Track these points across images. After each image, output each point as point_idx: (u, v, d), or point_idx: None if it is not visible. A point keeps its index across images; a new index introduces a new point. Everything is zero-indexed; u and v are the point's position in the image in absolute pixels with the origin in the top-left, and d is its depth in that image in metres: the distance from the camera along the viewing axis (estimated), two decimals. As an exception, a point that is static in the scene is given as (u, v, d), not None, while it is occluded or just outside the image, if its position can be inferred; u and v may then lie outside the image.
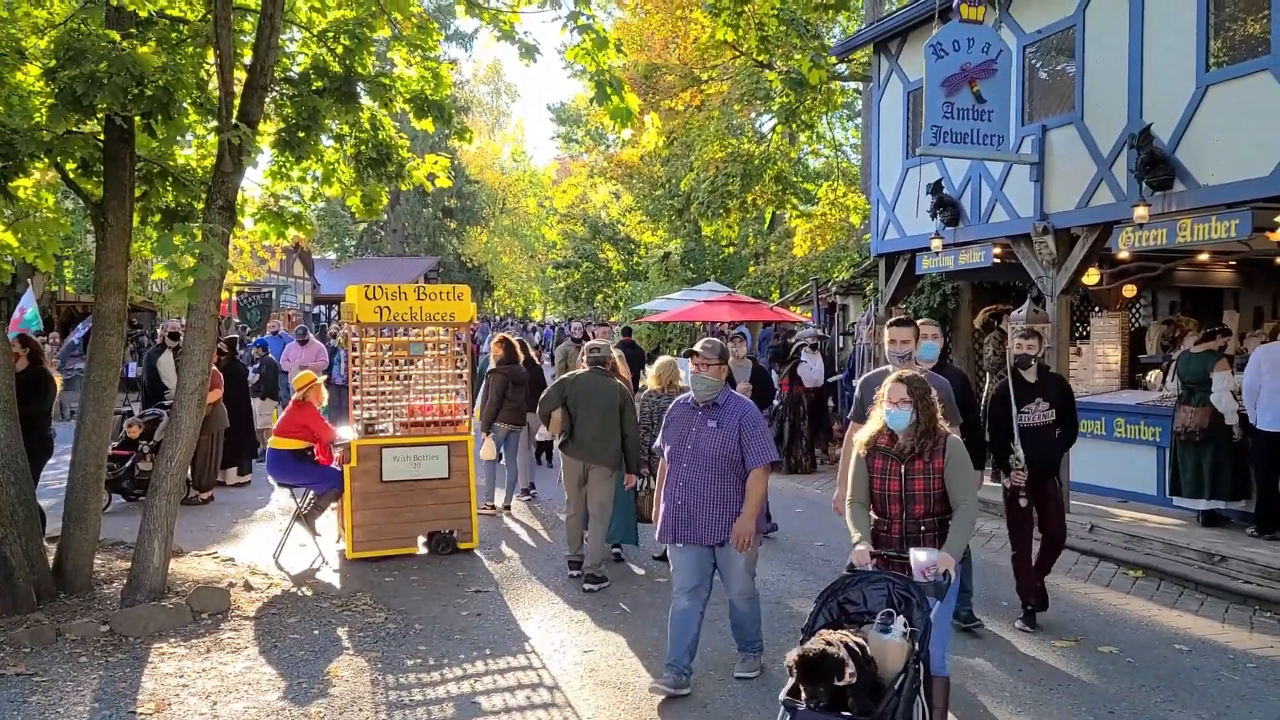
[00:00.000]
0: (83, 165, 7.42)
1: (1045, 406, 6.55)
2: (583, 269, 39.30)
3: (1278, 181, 7.56)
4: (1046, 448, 6.60)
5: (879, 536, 4.48)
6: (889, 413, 4.39)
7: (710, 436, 5.32)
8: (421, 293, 8.81)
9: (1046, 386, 6.62)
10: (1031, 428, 6.56)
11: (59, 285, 24.63)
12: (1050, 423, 6.61)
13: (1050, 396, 6.58)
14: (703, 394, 5.40)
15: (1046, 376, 6.70)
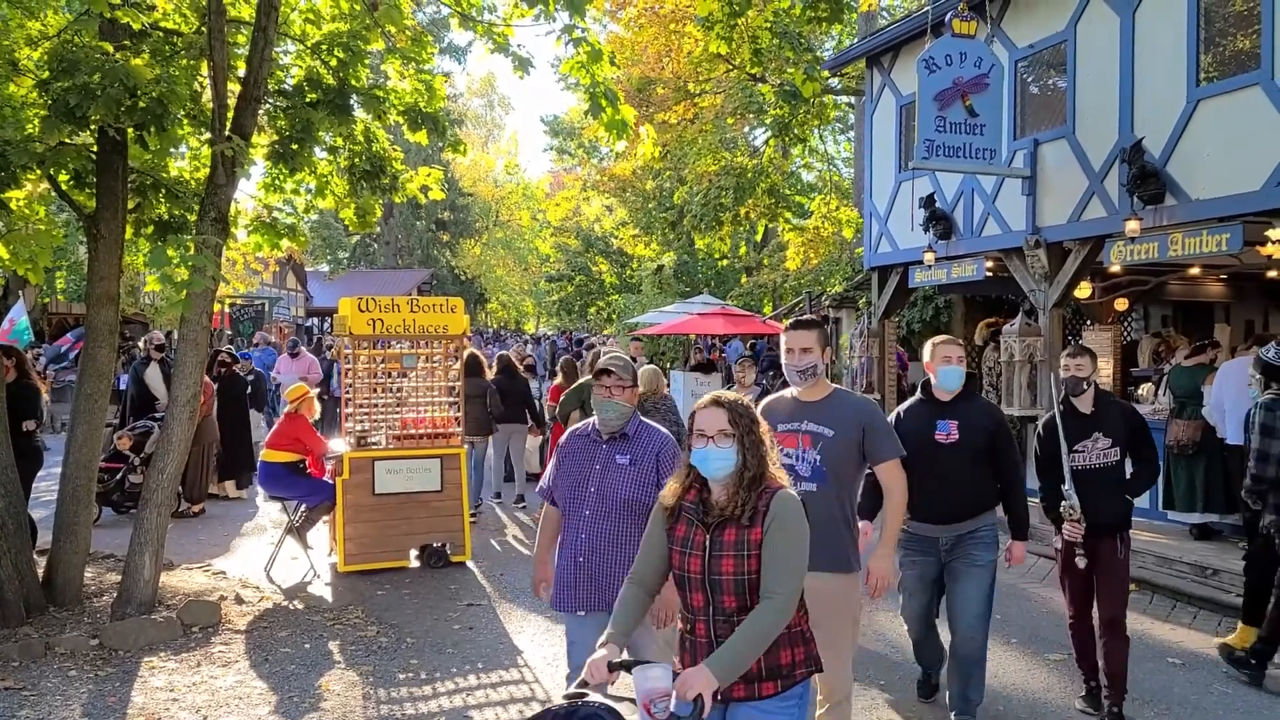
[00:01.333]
0: (75, 177, 7.41)
1: (1106, 444, 5.24)
2: (576, 282, 39.34)
3: (1268, 196, 7.60)
4: (1109, 496, 5.21)
5: (683, 641, 3.12)
6: (699, 453, 2.99)
7: (620, 476, 4.12)
8: (414, 305, 8.80)
9: (1106, 418, 5.29)
10: (1089, 470, 5.23)
11: (50, 297, 24.56)
12: (1114, 463, 5.24)
13: (1113, 430, 5.25)
14: (611, 423, 4.17)
15: (1106, 405, 5.36)
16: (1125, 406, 5.51)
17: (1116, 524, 5.25)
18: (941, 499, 4.88)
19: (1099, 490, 5.20)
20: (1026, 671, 6.09)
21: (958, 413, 4.97)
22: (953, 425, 4.92)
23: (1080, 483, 5.21)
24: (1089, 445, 5.25)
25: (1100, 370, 11.75)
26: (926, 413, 5.05)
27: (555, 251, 44.48)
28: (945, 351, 5.06)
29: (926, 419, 5.00)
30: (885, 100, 12.59)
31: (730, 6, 15.25)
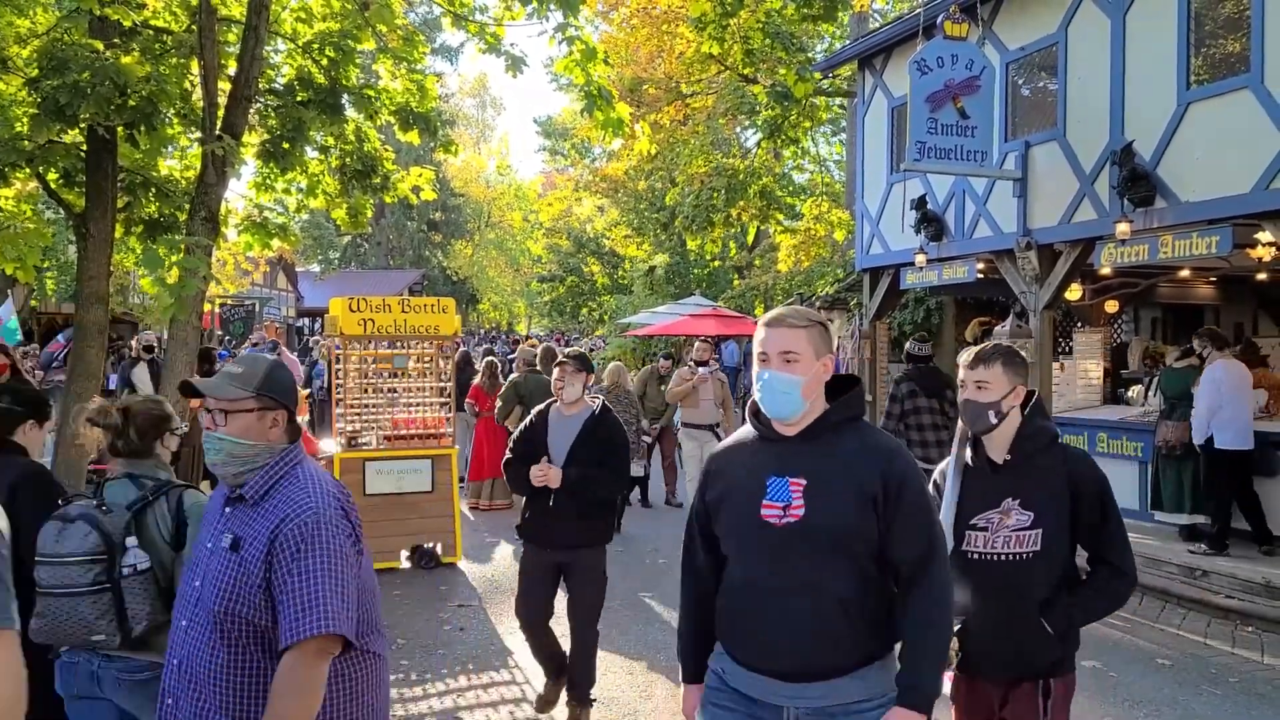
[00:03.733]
0: (65, 175, 7.39)
1: (1023, 520, 3.07)
2: (568, 283, 39.29)
3: (1258, 198, 7.63)
4: (1018, 619, 3.08)
5: None
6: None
7: (222, 566, 2.57)
8: (406, 305, 8.78)
9: (1029, 473, 3.12)
10: (989, 562, 3.11)
11: (40, 297, 24.45)
12: (1030, 556, 3.07)
13: (1036, 496, 3.08)
14: (223, 466, 2.70)
15: (1035, 451, 3.15)
16: (1072, 456, 3.17)
17: (1033, 669, 3.15)
18: (777, 631, 2.56)
19: (1001, 604, 3.07)
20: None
21: (810, 461, 2.58)
22: (796, 488, 2.53)
23: (976, 587, 3.11)
24: (994, 520, 3.07)
25: (1090, 372, 11.83)
26: (751, 461, 2.67)
27: (547, 252, 44.45)
28: (774, 340, 2.61)
29: (748, 473, 2.64)
30: (877, 102, 12.60)
31: (722, 7, 15.27)
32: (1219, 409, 8.23)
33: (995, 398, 3.14)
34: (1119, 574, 3.16)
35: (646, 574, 8.41)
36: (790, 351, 2.58)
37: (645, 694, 5.71)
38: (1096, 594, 3.18)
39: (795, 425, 2.62)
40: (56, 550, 3.11)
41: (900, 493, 2.52)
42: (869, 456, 2.56)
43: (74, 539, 3.11)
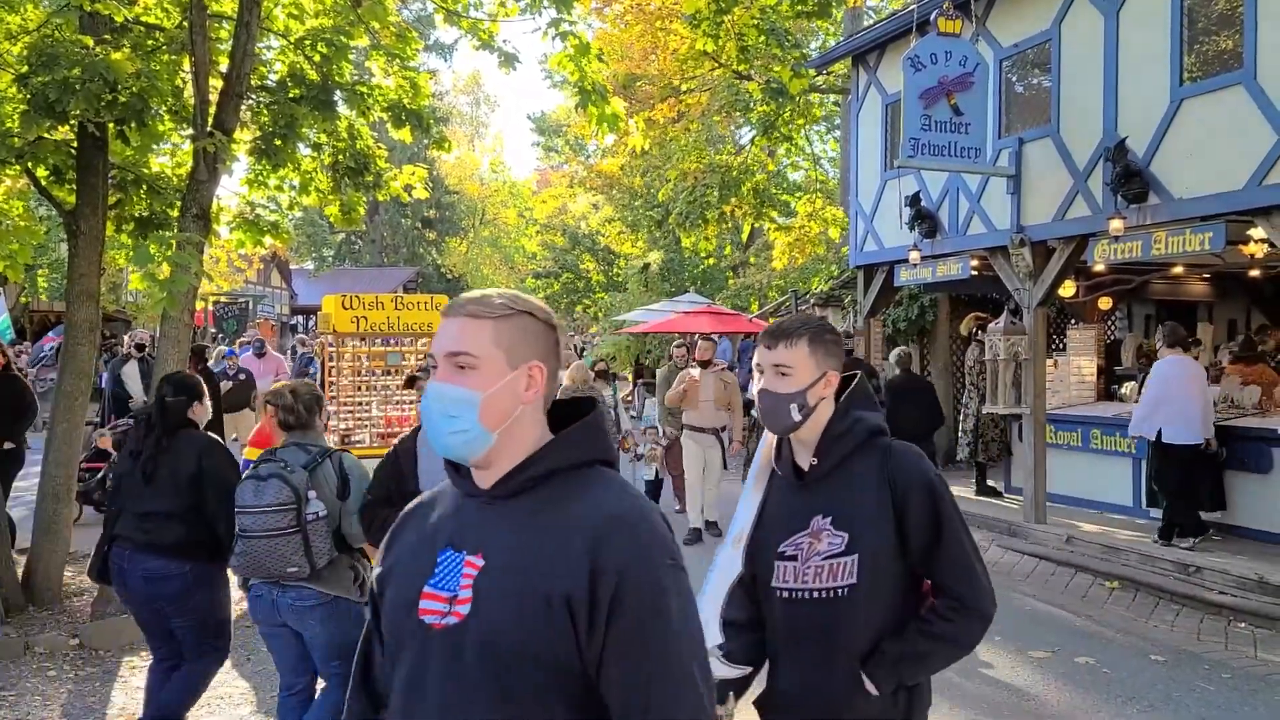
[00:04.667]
0: (55, 172, 7.34)
1: (835, 543, 2.35)
2: (562, 280, 39.27)
3: (1251, 195, 7.63)
4: (837, 672, 2.36)
5: None
6: None
7: None
8: (399, 303, 8.76)
9: (843, 482, 2.41)
10: (799, 600, 2.40)
11: (32, 296, 24.38)
12: (844, 592, 2.34)
13: (851, 512, 2.37)
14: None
15: (851, 452, 2.42)
16: (895, 453, 2.41)
17: None
18: None
19: (817, 656, 2.38)
20: (1011, 669, 6.10)
21: (496, 530, 1.68)
22: (470, 571, 1.64)
23: (789, 635, 2.43)
24: (804, 546, 2.37)
25: (1083, 369, 11.85)
26: (431, 523, 1.79)
27: (542, 249, 44.42)
28: (443, 336, 1.74)
29: (419, 541, 1.78)
30: (871, 99, 12.59)
31: (717, 3, 15.22)
32: (1163, 404, 8.31)
33: (799, 386, 2.37)
34: (961, 609, 2.33)
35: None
36: (463, 354, 1.66)
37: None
38: (929, 637, 2.33)
39: (486, 471, 1.69)
40: (257, 502, 3.95)
41: (619, 599, 1.54)
42: (581, 531, 1.58)
43: (270, 493, 3.96)
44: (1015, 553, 9.18)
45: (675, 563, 1.64)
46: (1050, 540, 9.27)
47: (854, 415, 2.43)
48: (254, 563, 3.99)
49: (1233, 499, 8.82)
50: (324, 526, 4.03)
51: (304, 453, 4.14)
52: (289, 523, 3.94)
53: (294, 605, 4.05)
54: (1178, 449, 8.25)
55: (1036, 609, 7.45)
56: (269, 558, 3.95)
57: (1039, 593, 7.95)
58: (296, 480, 3.99)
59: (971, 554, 2.38)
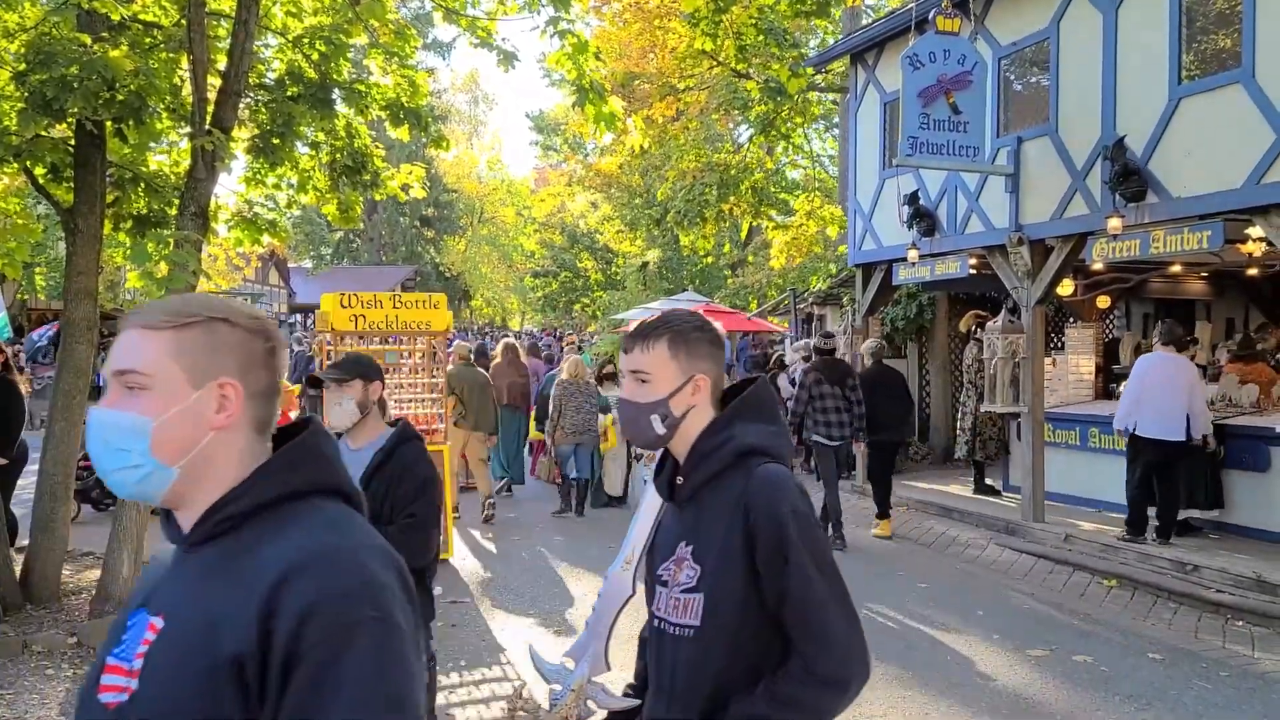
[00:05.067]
0: (52, 170, 7.33)
1: (690, 575, 2.05)
2: (561, 278, 39.29)
3: (1249, 193, 7.63)
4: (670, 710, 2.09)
5: None
6: None
7: None
8: (397, 301, 8.76)
9: (708, 508, 2.07)
10: (664, 633, 2.10)
11: (30, 293, 24.36)
12: (692, 632, 2.03)
13: (713, 539, 2.03)
14: None
15: (722, 471, 2.06)
16: (756, 477, 2.02)
17: None
18: None
19: (665, 693, 2.12)
20: (1009, 667, 6.11)
21: (180, 586, 1.40)
22: (150, 636, 1.36)
23: (654, 661, 2.18)
24: (670, 574, 2.11)
25: (1081, 367, 11.87)
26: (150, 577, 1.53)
27: (540, 248, 44.42)
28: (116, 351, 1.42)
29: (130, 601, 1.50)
30: (869, 97, 12.59)
31: (715, 2, 15.23)
32: (1141, 399, 8.45)
33: (659, 394, 2.08)
34: (806, 673, 1.94)
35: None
36: (132, 371, 1.38)
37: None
38: (775, 702, 1.94)
39: (182, 513, 1.44)
40: None
41: (293, 659, 1.25)
42: (263, 578, 1.29)
43: None
44: (1013, 551, 9.19)
45: (379, 616, 1.27)
46: (1048, 539, 9.28)
47: (729, 430, 2.06)
48: None
49: (1231, 497, 8.83)
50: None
51: None
52: None
53: None
54: (1152, 444, 8.38)
55: (1034, 608, 7.45)
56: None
57: (1037, 591, 7.95)
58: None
59: (828, 606, 1.95)
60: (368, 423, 3.68)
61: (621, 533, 7.95)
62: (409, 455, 3.64)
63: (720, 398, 2.14)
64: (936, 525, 10.43)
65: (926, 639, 6.63)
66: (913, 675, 5.91)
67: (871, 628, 6.77)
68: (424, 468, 3.64)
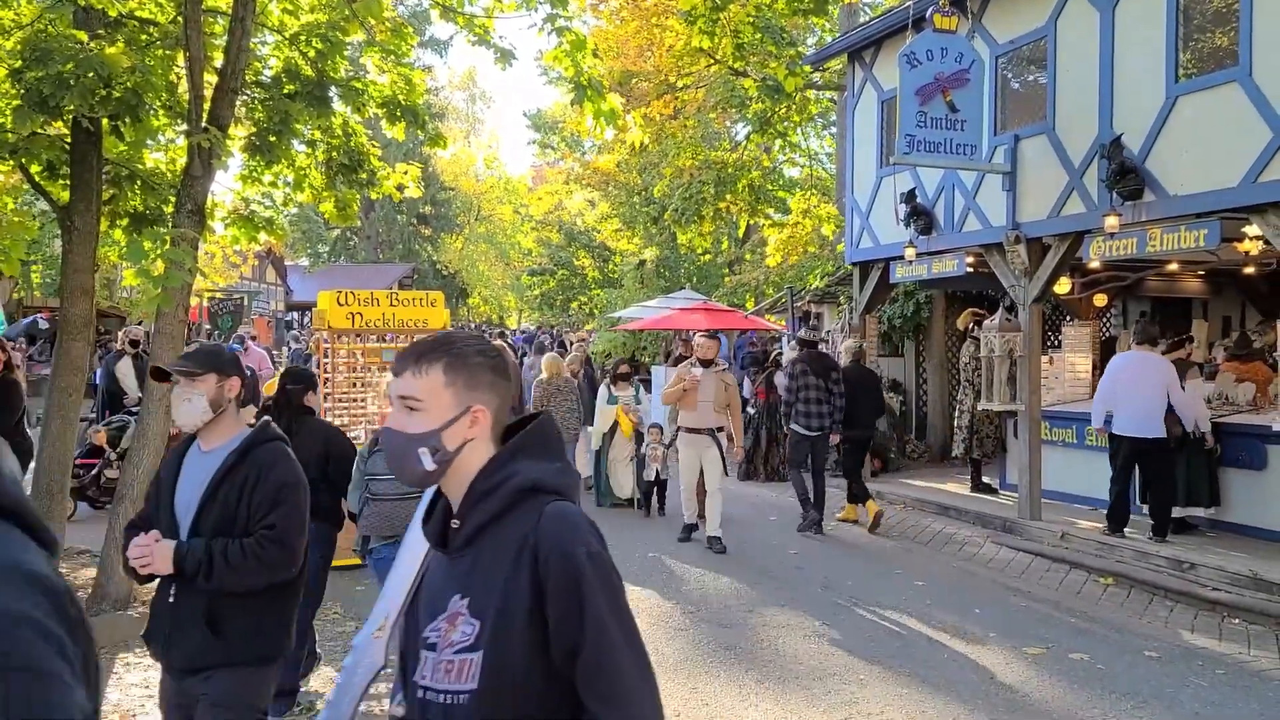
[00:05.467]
0: (48, 168, 7.32)
1: (467, 632, 1.77)
2: (558, 276, 39.23)
3: (1246, 192, 7.64)
4: None
5: None
6: None
7: None
8: (394, 299, 8.75)
9: (485, 556, 1.81)
10: (426, 703, 1.81)
11: (26, 290, 24.31)
12: (468, 697, 1.75)
13: (483, 595, 1.78)
14: None
15: (496, 511, 1.81)
16: (547, 516, 1.79)
17: None
18: None
19: None
20: (1005, 665, 6.11)
21: None
22: None
23: None
24: (442, 633, 1.82)
25: (1078, 366, 11.89)
26: None
27: (537, 246, 44.38)
28: None
29: None
30: (867, 95, 12.59)
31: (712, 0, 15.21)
32: (1112, 397, 8.70)
33: (430, 425, 1.83)
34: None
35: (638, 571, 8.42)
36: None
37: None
38: None
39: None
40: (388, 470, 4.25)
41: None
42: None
43: None
44: (1010, 549, 9.20)
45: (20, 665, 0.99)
46: (1045, 537, 9.29)
47: (511, 467, 1.83)
48: (384, 521, 4.78)
49: (1227, 495, 8.85)
50: None
51: None
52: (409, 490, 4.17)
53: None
54: (1127, 441, 8.61)
55: (1031, 605, 7.46)
56: (396, 516, 4.70)
57: (1033, 589, 7.96)
58: None
59: (624, 662, 1.74)
60: (222, 421, 3.23)
61: (619, 531, 7.93)
62: (265, 457, 3.21)
63: (502, 434, 1.89)
64: (934, 523, 10.44)
65: (923, 637, 6.64)
66: (910, 673, 5.92)
67: (868, 626, 6.79)
68: (284, 471, 3.23)
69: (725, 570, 8.35)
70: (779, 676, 5.87)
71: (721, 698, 5.53)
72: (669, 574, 8.22)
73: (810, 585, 7.88)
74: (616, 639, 1.74)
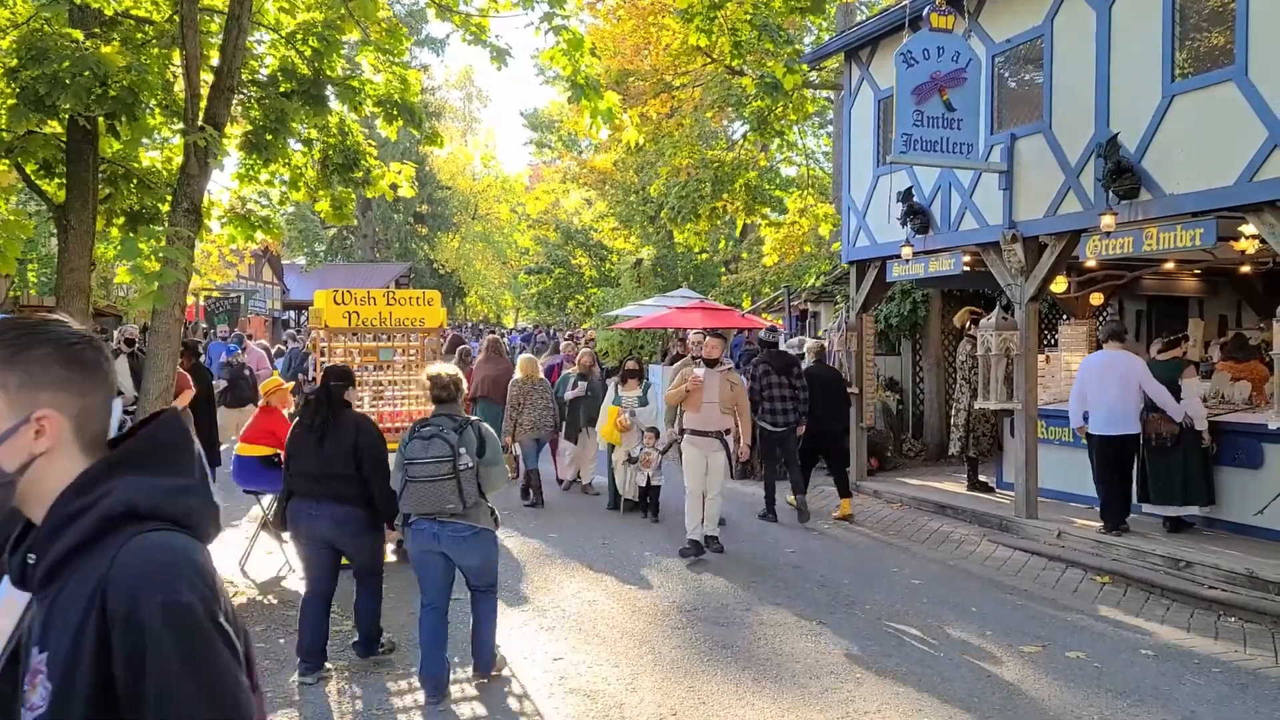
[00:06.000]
0: (44, 166, 7.32)
1: (44, 693, 1.44)
2: (555, 275, 39.24)
3: (1242, 191, 7.65)
4: None
5: None
6: None
7: None
8: (391, 298, 8.74)
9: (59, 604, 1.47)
10: None
11: (22, 290, 24.27)
12: None
13: (56, 648, 1.45)
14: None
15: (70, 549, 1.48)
16: (129, 564, 1.44)
17: None
18: None
19: None
20: (1001, 663, 6.12)
21: None
22: None
23: None
24: (27, 691, 1.48)
25: (1075, 365, 11.88)
26: None
27: (534, 245, 44.36)
28: None
29: None
30: (863, 94, 12.59)
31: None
32: (1084, 397, 9.01)
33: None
34: None
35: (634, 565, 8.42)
36: None
37: (631, 686, 5.71)
38: None
39: None
40: (424, 455, 5.24)
41: None
42: None
43: (434, 448, 5.24)
44: (1006, 548, 9.21)
45: None
46: (1041, 535, 9.30)
47: (106, 485, 1.50)
48: (420, 500, 5.26)
49: (1223, 494, 8.86)
50: (471, 475, 5.27)
51: (452, 420, 5.39)
52: (447, 471, 5.21)
53: (452, 536, 5.34)
54: (1100, 439, 8.85)
55: (1027, 604, 7.46)
56: (431, 496, 5.22)
57: (1030, 587, 7.97)
58: (452, 439, 5.27)
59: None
60: None
61: (618, 531, 7.94)
62: None
63: (110, 441, 1.56)
64: (930, 522, 10.45)
65: (920, 636, 6.64)
66: (906, 671, 5.92)
67: (865, 625, 6.79)
68: None
69: (722, 569, 8.35)
70: (776, 675, 5.87)
71: (719, 696, 5.53)
72: (666, 573, 8.23)
73: (807, 584, 7.89)
74: (188, 709, 1.41)
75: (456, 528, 5.32)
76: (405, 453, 5.32)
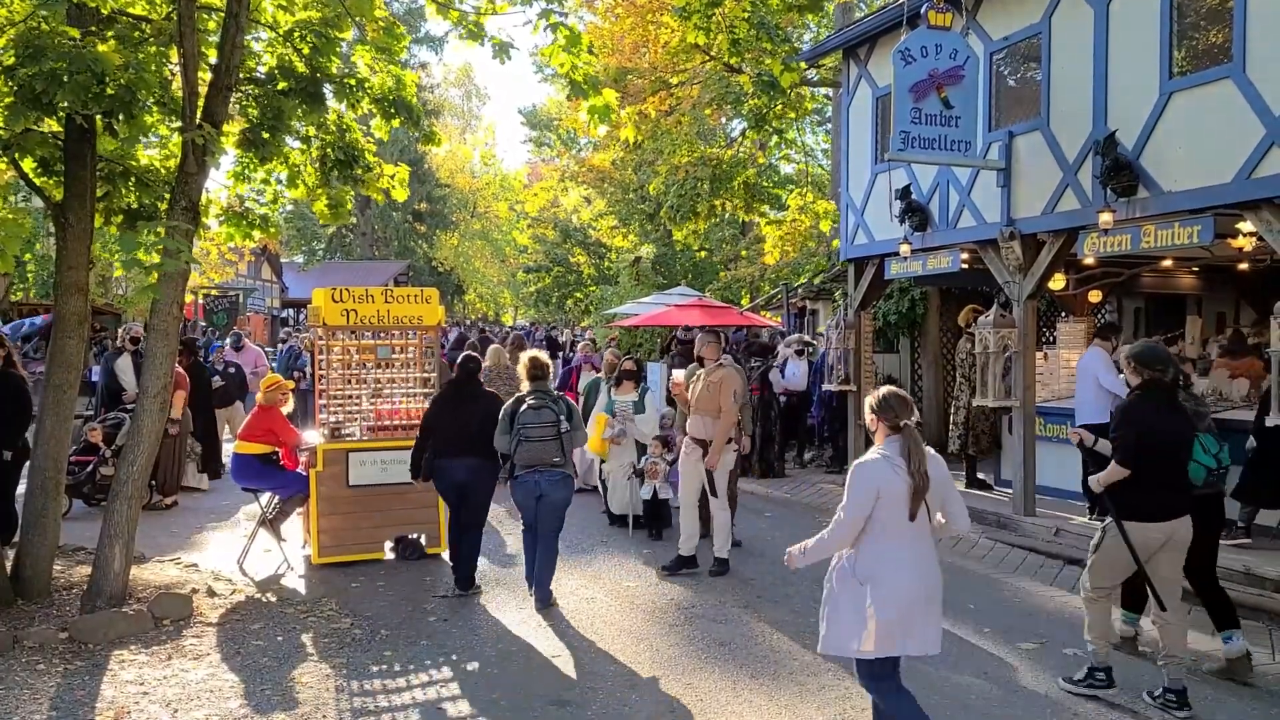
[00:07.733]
0: (42, 164, 7.30)
1: None
2: (553, 273, 39.25)
3: (1239, 188, 7.66)
4: None
5: None
6: None
7: None
8: (389, 295, 8.75)
9: None
10: None
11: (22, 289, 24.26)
12: None
13: None
14: None
15: None
16: None
17: None
18: None
19: None
20: (999, 660, 6.13)
21: None
22: None
23: None
24: None
25: (1073, 362, 11.89)
26: None
27: (533, 243, 44.36)
28: None
29: None
30: (861, 92, 12.60)
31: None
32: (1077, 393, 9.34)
33: None
34: None
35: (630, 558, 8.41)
36: None
37: (629, 684, 5.72)
38: None
39: None
40: (537, 420, 6.94)
41: None
42: None
43: (545, 414, 6.95)
44: (1004, 545, 9.22)
45: None
46: (1039, 533, 9.31)
47: None
48: (534, 456, 6.90)
49: (1221, 491, 8.86)
50: (567, 436, 6.98)
51: (547, 395, 7.09)
52: (552, 433, 6.91)
53: (551, 481, 6.97)
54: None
55: (1025, 601, 7.47)
56: (543, 452, 6.90)
57: (1028, 585, 7.98)
58: (554, 408, 6.99)
59: None
60: None
61: (618, 530, 7.94)
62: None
63: None
64: (928, 519, 10.44)
65: (918, 632, 6.63)
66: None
67: (863, 621, 6.78)
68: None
69: (720, 566, 8.35)
70: (773, 673, 5.88)
71: (717, 694, 5.54)
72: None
73: (804, 582, 7.88)
74: None
75: (553, 474, 6.94)
76: (519, 419, 6.89)
